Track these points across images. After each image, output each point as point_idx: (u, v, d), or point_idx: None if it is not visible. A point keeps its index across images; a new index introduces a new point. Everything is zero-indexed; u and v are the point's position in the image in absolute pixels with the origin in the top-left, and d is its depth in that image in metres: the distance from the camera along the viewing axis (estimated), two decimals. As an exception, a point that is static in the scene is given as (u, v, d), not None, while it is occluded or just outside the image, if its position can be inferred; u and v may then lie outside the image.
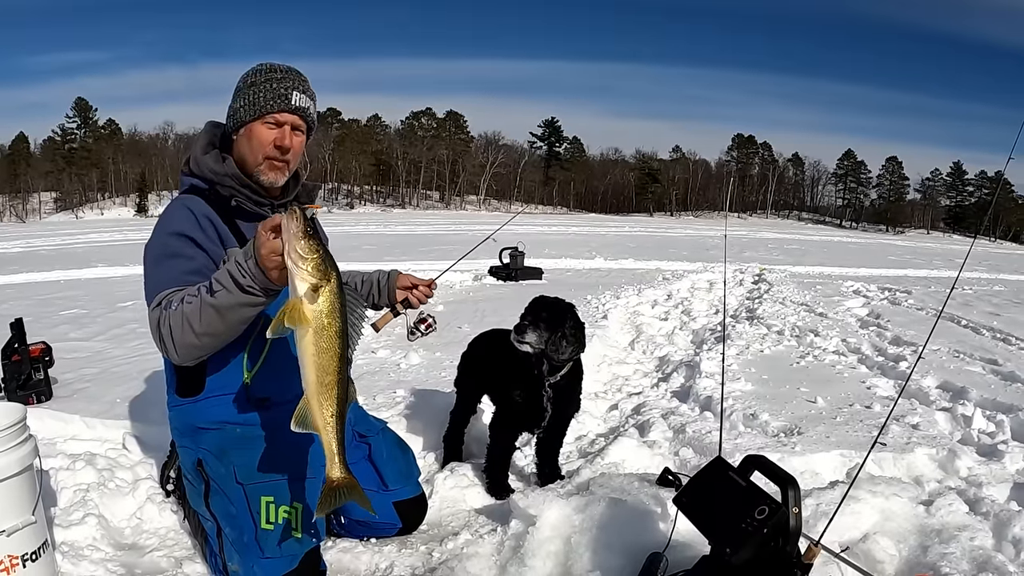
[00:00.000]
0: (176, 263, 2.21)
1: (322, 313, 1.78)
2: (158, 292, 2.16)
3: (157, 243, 2.26)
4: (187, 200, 2.35)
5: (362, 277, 2.94)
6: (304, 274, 1.76)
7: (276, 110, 2.32)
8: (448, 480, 3.09)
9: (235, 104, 2.37)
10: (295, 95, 2.34)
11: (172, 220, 2.30)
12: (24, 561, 2.14)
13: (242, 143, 2.38)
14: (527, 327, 2.88)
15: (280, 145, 2.34)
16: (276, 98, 2.31)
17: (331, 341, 1.81)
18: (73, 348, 5.21)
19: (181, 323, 2.01)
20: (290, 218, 1.76)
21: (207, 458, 2.37)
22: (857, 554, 2.32)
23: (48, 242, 23.10)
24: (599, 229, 34.84)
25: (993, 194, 56.69)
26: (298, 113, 2.36)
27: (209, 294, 1.97)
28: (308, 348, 1.79)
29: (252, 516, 2.26)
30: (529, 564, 2.34)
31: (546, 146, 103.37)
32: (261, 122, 2.33)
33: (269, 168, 2.37)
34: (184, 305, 2.02)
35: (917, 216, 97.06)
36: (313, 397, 1.84)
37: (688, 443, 3.50)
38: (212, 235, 2.30)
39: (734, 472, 2.02)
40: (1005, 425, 3.84)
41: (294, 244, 1.75)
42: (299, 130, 2.40)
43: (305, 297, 1.76)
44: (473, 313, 6.84)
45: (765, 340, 6.35)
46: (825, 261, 18.61)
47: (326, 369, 1.82)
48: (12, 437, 2.12)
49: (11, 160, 77.97)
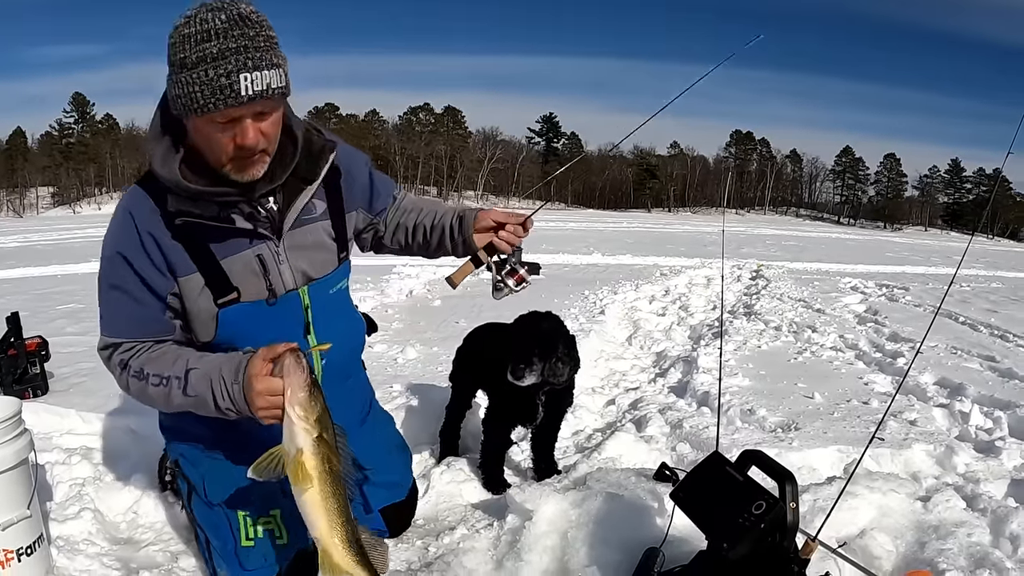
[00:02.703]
0: (121, 302, 1.92)
1: (324, 459, 1.67)
2: (109, 333, 1.95)
3: (104, 261, 1.94)
4: (137, 206, 1.91)
5: (434, 219, 2.38)
6: (308, 427, 1.64)
7: (221, 108, 1.69)
8: (444, 475, 3.09)
9: (170, 91, 1.76)
10: (244, 80, 1.66)
11: (117, 233, 1.92)
12: (19, 556, 2.13)
13: (196, 138, 1.82)
14: (524, 371, 2.76)
15: (242, 144, 1.76)
16: (217, 91, 1.66)
17: (336, 484, 1.70)
18: (70, 343, 5.18)
19: (145, 398, 1.89)
20: (295, 367, 1.63)
21: (183, 462, 2.26)
22: (854, 550, 2.32)
23: (45, 237, 23.04)
24: (597, 225, 34.81)
25: (991, 191, 56.70)
26: (255, 101, 1.71)
27: (181, 392, 1.79)
28: (314, 498, 1.68)
29: (232, 532, 2.15)
30: (525, 559, 2.33)
31: (544, 141, 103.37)
32: (208, 121, 1.73)
33: (237, 168, 1.83)
34: (149, 387, 1.85)
35: (915, 213, 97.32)
36: (329, 542, 1.72)
37: (685, 438, 3.50)
38: (159, 261, 1.90)
39: (731, 467, 2.01)
40: (1003, 421, 3.84)
41: (298, 395, 1.62)
42: (266, 112, 1.78)
43: (306, 448, 1.65)
44: (470, 308, 6.83)
45: (763, 336, 6.35)
46: (823, 257, 18.60)
47: (334, 511, 1.71)
48: (7, 431, 2.11)
49: (8, 155, 77.92)
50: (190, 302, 1.97)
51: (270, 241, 2.02)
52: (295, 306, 2.10)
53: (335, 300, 2.26)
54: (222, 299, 1.97)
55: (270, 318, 2.05)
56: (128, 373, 1.86)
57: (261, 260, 2.01)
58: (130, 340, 1.92)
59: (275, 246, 2.03)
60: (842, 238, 36.16)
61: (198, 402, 1.78)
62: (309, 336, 2.15)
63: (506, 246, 2.27)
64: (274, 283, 2.04)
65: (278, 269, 2.04)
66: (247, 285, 2.00)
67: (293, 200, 2.04)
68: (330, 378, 2.16)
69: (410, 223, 2.46)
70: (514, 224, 2.27)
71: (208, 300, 1.97)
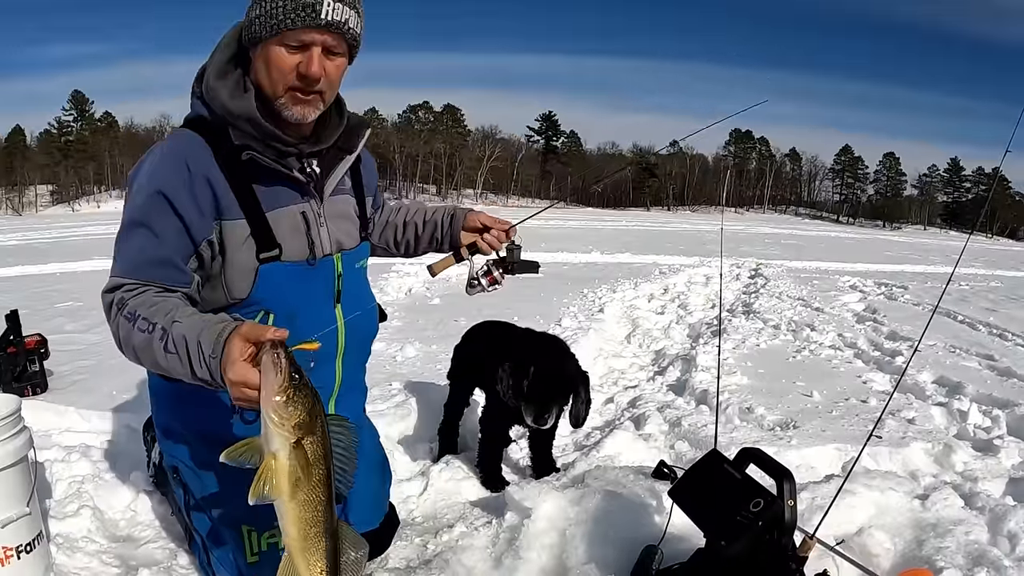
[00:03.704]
0: (141, 239, 1.80)
1: (301, 467, 1.46)
2: (121, 272, 1.80)
3: (135, 196, 1.84)
4: (187, 144, 1.87)
5: (425, 216, 2.47)
6: (285, 433, 1.43)
7: (299, 26, 1.74)
8: (443, 472, 3.09)
9: (251, 12, 1.82)
10: (326, 5, 1.75)
11: (159, 169, 1.84)
12: (19, 553, 2.13)
13: (259, 67, 1.85)
14: (547, 418, 2.86)
15: (305, 73, 1.79)
16: (299, 9, 1.73)
17: (313, 492, 1.48)
18: (69, 340, 5.19)
19: (129, 347, 1.71)
20: (270, 368, 1.43)
21: (183, 469, 2.17)
22: (852, 547, 2.32)
23: (44, 235, 23.02)
24: (596, 223, 34.80)
25: (990, 190, 56.77)
26: (331, 30, 1.77)
27: (162, 347, 1.62)
28: (287, 507, 1.48)
29: (235, 545, 2.08)
30: (524, 556, 2.34)
31: (543, 140, 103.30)
32: (280, 42, 1.77)
33: (293, 101, 1.84)
34: (135, 332, 1.67)
35: (914, 212, 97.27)
36: (298, 555, 1.51)
37: (684, 436, 3.51)
38: (205, 203, 1.83)
39: (729, 465, 2.02)
40: (1001, 420, 3.85)
41: (272, 399, 1.42)
42: (334, 51, 1.83)
43: (280, 455, 1.44)
44: (469, 306, 6.81)
45: (761, 334, 6.36)
46: (822, 256, 18.59)
47: (310, 522, 1.50)
48: (7, 429, 2.11)
49: (7, 153, 77.70)
50: (231, 250, 1.91)
51: (313, 200, 2.02)
52: (329, 272, 2.09)
53: (360, 275, 2.25)
54: (265, 254, 1.93)
55: (307, 280, 2.02)
56: (121, 313, 1.71)
57: (305, 218, 2.00)
58: (139, 281, 1.78)
59: (317, 206, 2.03)
60: (841, 237, 36.14)
61: (176, 362, 1.61)
62: (337, 307, 2.11)
63: (487, 248, 2.33)
64: (315, 243, 2.02)
65: (318, 230, 2.03)
66: (290, 242, 1.97)
67: (333, 167, 2.07)
68: (347, 362, 2.16)
69: (399, 221, 2.52)
70: (499, 229, 2.35)
71: (250, 253, 1.92)
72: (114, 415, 3.47)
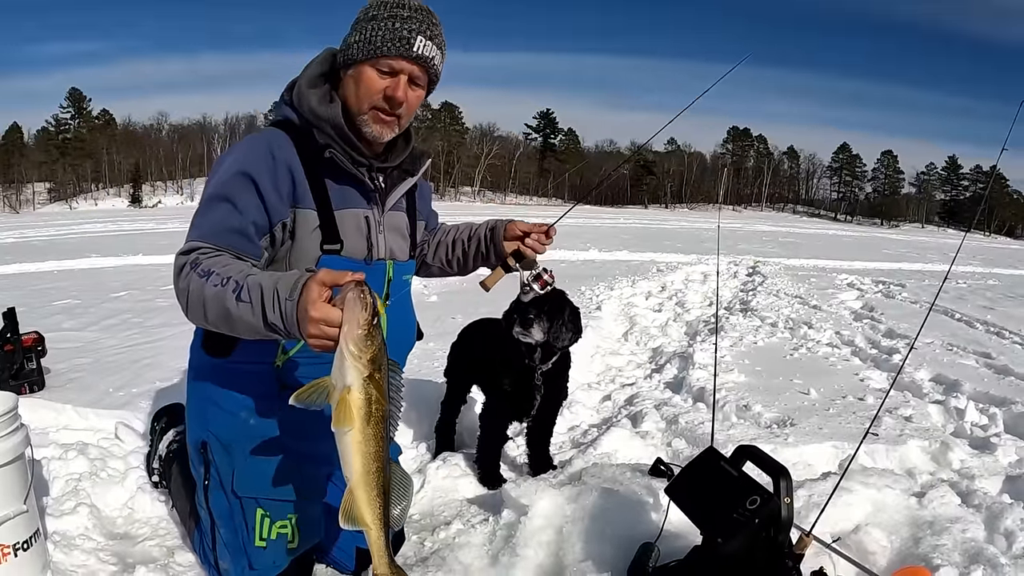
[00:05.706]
0: (223, 211, 1.93)
1: (372, 400, 1.61)
2: (195, 236, 1.91)
3: (222, 175, 1.98)
4: (274, 137, 2.05)
5: (469, 233, 2.65)
6: (360, 367, 1.57)
7: (393, 54, 1.98)
8: (440, 470, 3.09)
9: (350, 38, 2.05)
10: (419, 40, 1.99)
11: (248, 154, 2.00)
12: (15, 550, 2.13)
13: (349, 84, 2.07)
14: (533, 321, 2.85)
15: (392, 96, 2.02)
16: (396, 40, 1.97)
17: (377, 427, 1.64)
18: (66, 338, 5.18)
19: (199, 301, 1.78)
20: (359, 302, 1.55)
21: (214, 444, 2.19)
22: (849, 545, 2.33)
23: (42, 232, 22.94)
24: (593, 221, 34.76)
25: (987, 188, 56.91)
26: (419, 63, 2.02)
27: (235, 297, 1.71)
28: (355, 436, 1.62)
29: (247, 527, 2.14)
30: (521, 553, 2.34)
31: (541, 137, 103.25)
32: (373, 65, 2.01)
33: (374, 119, 2.06)
34: (208, 286, 1.76)
35: (912, 210, 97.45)
36: (360, 488, 1.66)
37: (680, 434, 3.51)
38: (285, 188, 2.00)
39: (726, 462, 2.02)
40: (998, 418, 3.86)
41: (356, 333, 1.55)
42: (417, 83, 2.07)
43: (354, 386, 1.59)
44: (467, 303, 6.82)
45: (759, 332, 6.37)
46: (819, 254, 18.62)
47: (372, 456, 1.64)
48: (3, 426, 2.11)
49: (4, 150, 77.40)
50: (300, 236, 2.06)
51: (376, 208, 2.19)
52: (381, 275, 2.23)
53: (405, 287, 2.39)
54: (328, 245, 2.07)
55: None
56: (195, 271, 1.79)
57: (367, 221, 2.16)
58: (215, 245, 1.88)
59: (379, 215, 2.19)
60: (839, 235, 36.19)
61: (247, 311, 1.69)
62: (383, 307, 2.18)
63: (532, 253, 2.56)
64: (373, 246, 2.18)
65: (377, 236, 2.19)
66: (352, 240, 2.12)
67: (396, 185, 2.24)
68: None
69: (449, 240, 2.69)
70: (538, 233, 2.57)
71: (315, 242, 2.06)
72: (111, 412, 3.47)
